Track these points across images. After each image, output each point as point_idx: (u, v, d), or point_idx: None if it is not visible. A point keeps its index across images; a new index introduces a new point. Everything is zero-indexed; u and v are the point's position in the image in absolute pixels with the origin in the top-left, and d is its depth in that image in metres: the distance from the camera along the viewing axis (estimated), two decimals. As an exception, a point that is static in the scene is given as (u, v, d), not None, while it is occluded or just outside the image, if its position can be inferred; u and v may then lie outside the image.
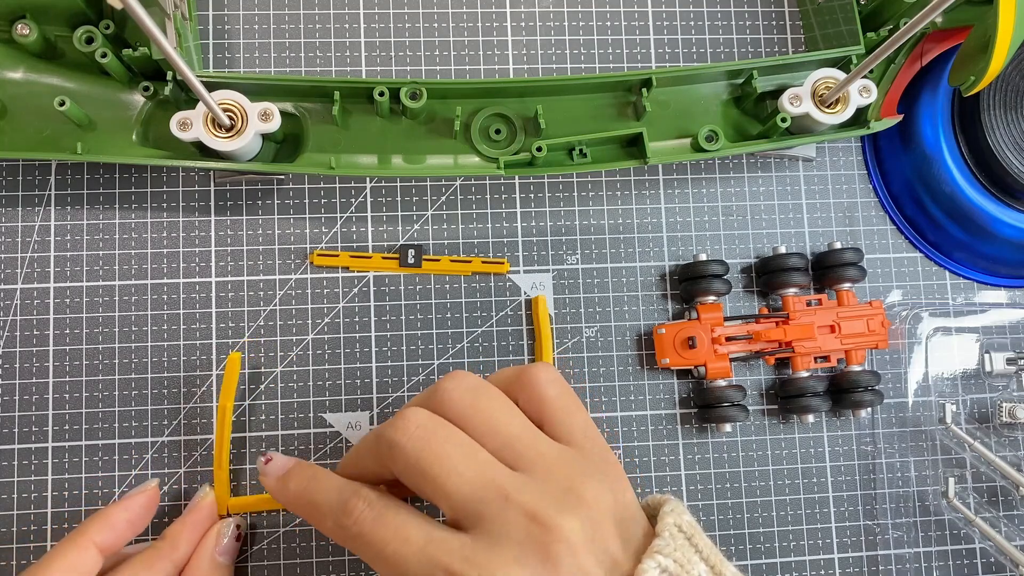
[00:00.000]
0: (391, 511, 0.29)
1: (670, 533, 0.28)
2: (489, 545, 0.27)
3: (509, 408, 0.31)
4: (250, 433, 0.40)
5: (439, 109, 0.40)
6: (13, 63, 0.38)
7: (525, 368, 0.32)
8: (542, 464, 0.29)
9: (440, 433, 0.29)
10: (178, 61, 0.30)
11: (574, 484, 0.28)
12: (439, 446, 0.29)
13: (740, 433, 0.42)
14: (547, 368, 0.32)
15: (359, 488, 0.30)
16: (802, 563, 0.42)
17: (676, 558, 0.27)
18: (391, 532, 0.28)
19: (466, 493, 0.28)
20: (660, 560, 0.27)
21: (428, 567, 0.27)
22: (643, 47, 0.45)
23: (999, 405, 0.42)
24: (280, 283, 0.41)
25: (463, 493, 0.28)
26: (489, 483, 0.28)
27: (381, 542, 0.28)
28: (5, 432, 0.39)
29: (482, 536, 0.27)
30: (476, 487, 0.28)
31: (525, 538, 0.27)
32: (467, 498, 0.28)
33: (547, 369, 0.32)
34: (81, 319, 0.40)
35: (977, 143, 0.41)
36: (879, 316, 0.41)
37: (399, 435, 0.29)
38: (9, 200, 0.41)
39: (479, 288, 0.42)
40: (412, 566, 0.27)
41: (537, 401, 0.31)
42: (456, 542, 0.27)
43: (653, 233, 0.43)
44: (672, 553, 0.27)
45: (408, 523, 0.28)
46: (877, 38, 0.41)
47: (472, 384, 0.31)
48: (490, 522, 0.27)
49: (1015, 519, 0.42)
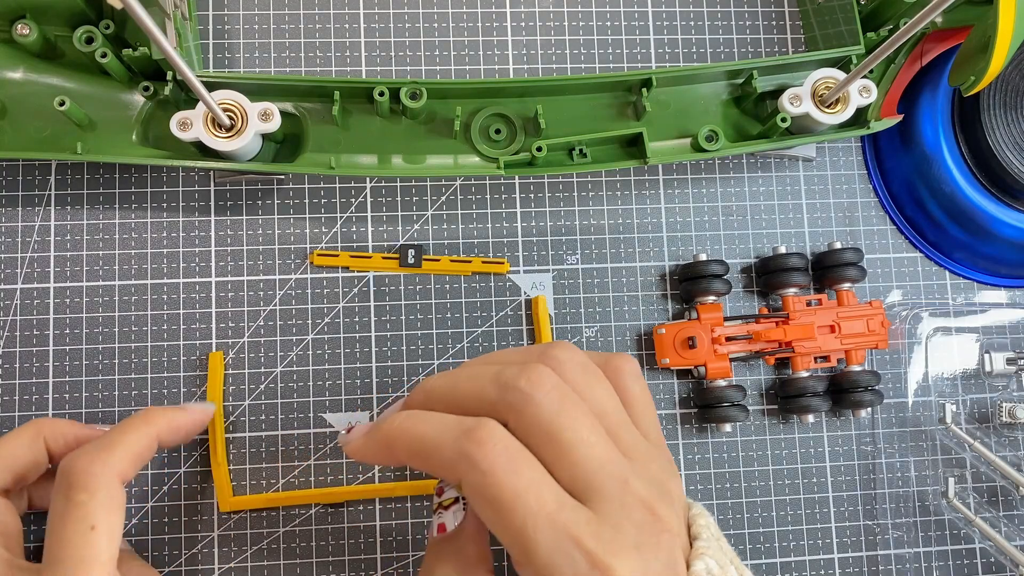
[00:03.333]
0: (524, 458, 0.26)
1: (707, 535, 0.28)
2: (613, 526, 0.26)
3: (612, 393, 0.30)
4: (250, 433, 0.40)
5: (439, 109, 0.40)
6: (13, 63, 0.38)
7: (611, 356, 0.31)
8: (641, 456, 0.28)
9: (571, 398, 0.28)
10: (178, 61, 0.30)
11: (665, 480, 0.28)
12: (573, 410, 0.27)
13: (740, 433, 0.42)
14: (631, 361, 0.31)
15: (484, 418, 0.27)
16: (802, 563, 0.42)
17: (717, 559, 0.27)
18: (524, 483, 0.26)
19: (594, 466, 0.27)
20: (707, 561, 0.27)
21: (558, 536, 0.25)
22: (643, 47, 0.45)
23: (999, 405, 0.42)
24: (280, 283, 0.41)
25: (591, 465, 0.27)
26: (613, 461, 0.27)
27: (512, 491, 0.26)
28: (5, 432, 0.39)
29: (606, 514, 0.26)
30: (603, 462, 0.27)
31: (642, 524, 0.26)
32: (594, 471, 0.27)
33: (631, 362, 0.31)
34: (81, 319, 0.40)
35: (977, 143, 0.41)
36: (879, 316, 0.41)
37: (535, 390, 0.27)
38: (9, 200, 0.41)
39: (479, 288, 0.42)
40: (541, 531, 0.25)
41: (621, 391, 0.30)
42: (584, 515, 0.26)
43: (653, 233, 0.43)
44: (714, 555, 0.27)
45: (543, 479, 0.26)
46: (877, 38, 0.41)
47: (582, 360, 0.30)
48: (610, 502, 0.26)
49: (1015, 519, 0.42)
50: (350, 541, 0.40)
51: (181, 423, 0.35)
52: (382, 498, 0.40)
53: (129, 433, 0.33)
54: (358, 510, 0.40)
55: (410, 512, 0.40)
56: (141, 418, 0.34)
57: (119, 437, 0.32)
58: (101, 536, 0.29)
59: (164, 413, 0.35)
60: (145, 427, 0.33)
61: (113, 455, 0.31)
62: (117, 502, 0.30)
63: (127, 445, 0.32)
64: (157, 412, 0.34)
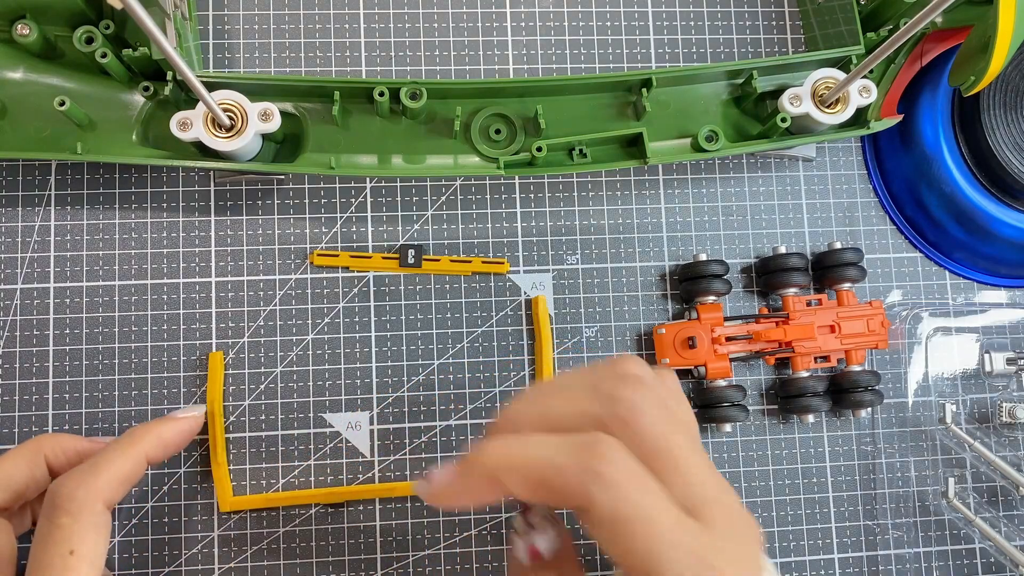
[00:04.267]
0: (646, 474, 0.25)
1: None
2: (728, 541, 0.25)
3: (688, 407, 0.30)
4: (250, 433, 0.40)
5: (439, 109, 0.40)
6: (13, 63, 0.38)
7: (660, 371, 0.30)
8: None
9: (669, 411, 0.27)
10: (178, 61, 0.30)
11: None
12: (674, 423, 0.27)
13: (740, 433, 0.42)
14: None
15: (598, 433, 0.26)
16: (802, 563, 0.42)
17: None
18: (651, 499, 0.25)
19: (701, 479, 0.26)
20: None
21: (687, 555, 0.24)
22: (643, 47, 0.45)
23: (999, 405, 0.42)
24: (280, 283, 0.41)
25: (698, 479, 0.26)
26: (712, 474, 0.26)
27: (642, 510, 0.24)
28: (5, 432, 0.39)
29: (718, 531, 0.25)
30: (706, 475, 0.26)
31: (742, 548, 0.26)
32: (702, 485, 0.26)
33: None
34: (81, 319, 0.40)
35: (977, 143, 0.41)
36: (879, 316, 0.41)
37: (643, 402, 0.26)
38: (9, 200, 0.41)
39: (479, 288, 0.42)
40: (670, 550, 0.24)
41: None
42: (703, 532, 0.25)
43: (653, 233, 0.43)
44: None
45: (665, 496, 0.25)
46: (877, 38, 0.41)
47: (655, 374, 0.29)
48: (718, 517, 0.25)
49: (1015, 519, 0.42)
50: (350, 541, 0.40)
51: (169, 438, 0.35)
52: (382, 498, 0.40)
53: (115, 456, 0.32)
54: (358, 510, 0.40)
55: (410, 512, 0.40)
56: (127, 440, 0.33)
57: (105, 461, 0.32)
58: (81, 561, 0.29)
59: (150, 431, 0.34)
60: (131, 449, 0.33)
61: (98, 479, 0.31)
62: (100, 527, 0.30)
63: (113, 469, 0.32)
64: (142, 432, 0.34)
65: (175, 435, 0.35)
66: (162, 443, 0.34)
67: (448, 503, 0.29)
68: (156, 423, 0.35)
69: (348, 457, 0.41)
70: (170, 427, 0.35)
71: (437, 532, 0.40)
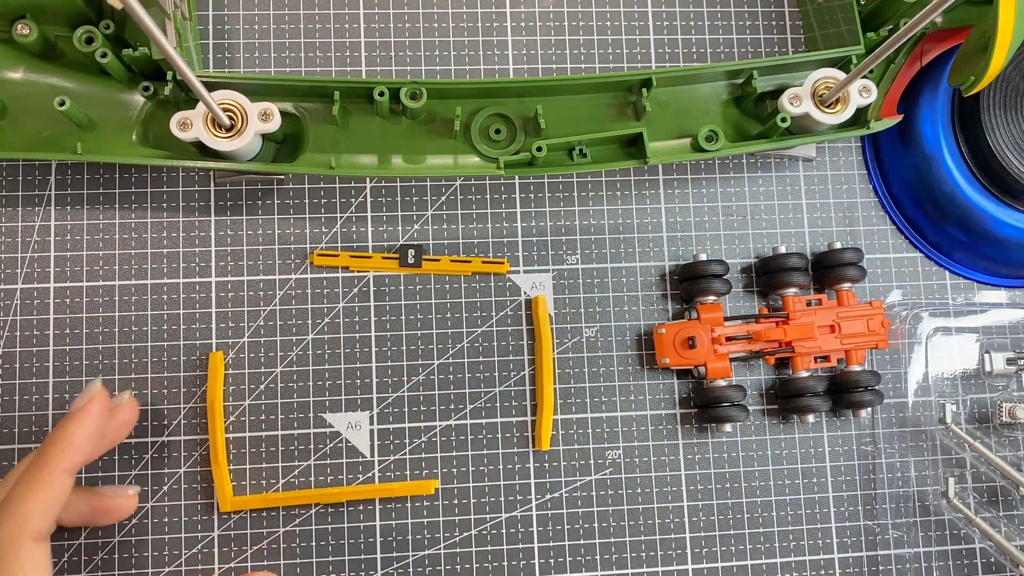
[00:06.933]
0: None
1: None
2: None
3: None
4: (250, 433, 0.40)
5: (439, 109, 0.40)
6: (13, 63, 0.38)
7: None
8: None
9: None
10: (178, 61, 0.30)
11: None
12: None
13: (740, 433, 0.42)
14: None
15: None
16: (802, 563, 0.42)
17: None
18: None
19: None
20: None
21: None
22: (643, 47, 0.45)
23: (999, 405, 0.42)
24: (280, 283, 0.41)
25: None
26: None
27: None
28: (5, 432, 0.39)
29: None
30: None
31: None
32: None
33: None
34: (81, 319, 0.40)
35: (977, 143, 0.41)
36: (879, 316, 0.41)
37: None
38: (9, 200, 0.41)
39: (479, 288, 0.42)
40: None
41: None
42: None
43: (653, 233, 0.43)
44: None
45: None
46: (877, 38, 0.41)
47: None
48: None
49: (1015, 519, 0.42)
50: (350, 541, 0.40)
51: (81, 440, 0.32)
52: (382, 498, 0.40)
53: (29, 486, 0.30)
54: (358, 510, 0.40)
55: (410, 512, 0.40)
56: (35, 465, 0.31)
57: (18, 496, 0.30)
58: None
59: (56, 444, 0.32)
60: (42, 473, 0.31)
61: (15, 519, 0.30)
62: (35, 562, 0.30)
63: (30, 501, 0.30)
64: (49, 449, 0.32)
65: (87, 433, 0.32)
66: (77, 449, 0.32)
67: None
68: (60, 432, 0.32)
69: (348, 457, 0.41)
70: (76, 429, 0.32)
71: (437, 532, 0.40)
